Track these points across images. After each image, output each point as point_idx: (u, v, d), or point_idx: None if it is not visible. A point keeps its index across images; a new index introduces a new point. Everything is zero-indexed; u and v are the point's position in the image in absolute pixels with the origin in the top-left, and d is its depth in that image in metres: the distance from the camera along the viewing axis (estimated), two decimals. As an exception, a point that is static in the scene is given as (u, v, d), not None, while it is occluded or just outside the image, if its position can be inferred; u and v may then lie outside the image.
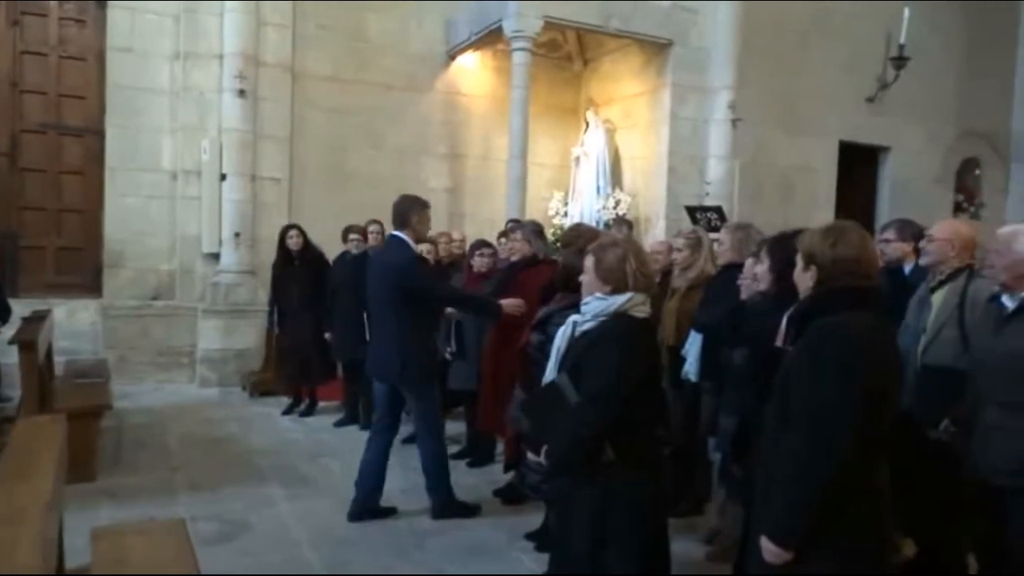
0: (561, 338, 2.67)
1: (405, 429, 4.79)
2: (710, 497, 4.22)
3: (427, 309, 4.26)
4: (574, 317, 2.66)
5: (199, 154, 7.50)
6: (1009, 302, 2.80)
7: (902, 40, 9.45)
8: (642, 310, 2.56)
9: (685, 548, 3.77)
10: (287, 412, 6.49)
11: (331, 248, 6.46)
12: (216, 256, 7.56)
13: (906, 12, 9.32)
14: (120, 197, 7.46)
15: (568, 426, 2.43)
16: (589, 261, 2.61)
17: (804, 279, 2.22)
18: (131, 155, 7.47)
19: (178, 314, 7.55)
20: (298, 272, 6.35)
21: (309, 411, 6.50)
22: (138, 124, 7.49)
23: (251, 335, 7.43)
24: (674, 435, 4.00)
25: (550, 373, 2.66)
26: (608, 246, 2.61)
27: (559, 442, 2.47)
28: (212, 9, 7.47)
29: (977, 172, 11.16)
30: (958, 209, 10.98)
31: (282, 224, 6.75)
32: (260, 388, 7.08)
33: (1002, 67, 10.90)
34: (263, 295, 7.04)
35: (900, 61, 9.62)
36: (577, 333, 2.63)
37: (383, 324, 4.28)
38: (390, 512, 4.29)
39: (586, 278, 2.62)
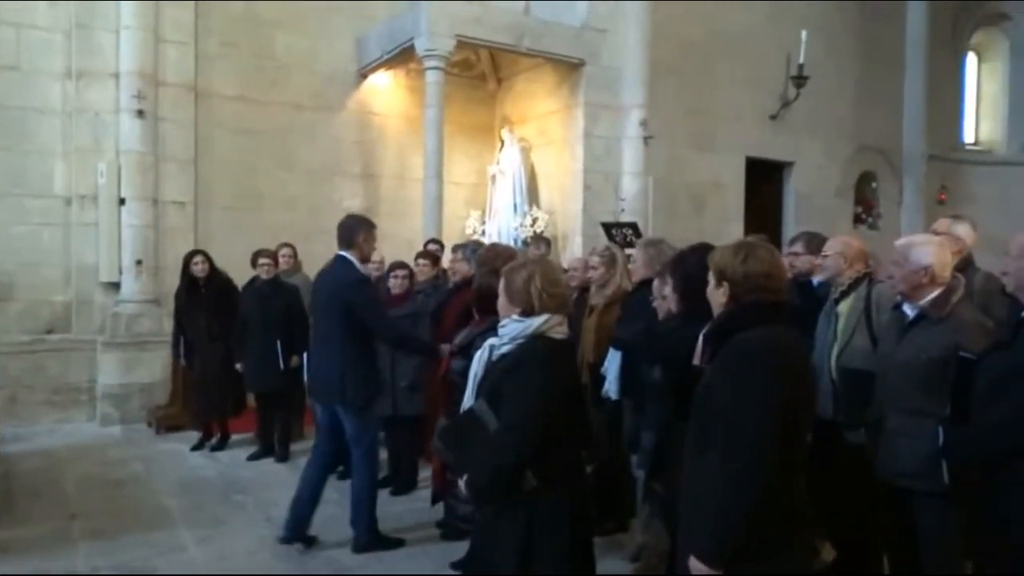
0: (478, 363, 2.61)
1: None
2: (635, 513, 4.22)
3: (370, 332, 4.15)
4: (491, 340, 2.60)
5: (95, 178, 7.08)
6: (909, 311, 2.90)
7: (801, 60, 9.90)
8: (560, 331, 2.52)
9: (611, 567, 3.75)
10: (197, 448, 6.17)
11: (242, 274, 6.20)
12: (116, 285, 7.15)
13: (804, 34, 9.78)
14: (7, 225, 6.96)
15: (488, 455, 2.35)
16: (501, 284, 2.56)
17: (717, 296, 2.23)
18: (19, 180, 6.99)
19: (75, 348, 7.09)
20: (205, 300, 6.07)
21: (221, 445, 6.19)
22: (26, 147, 7.01)
23: (156, 368, 7.04)
24: (597, 453, 3.98)
25: (468, 399, 2.59)
26: (516, 268, 2.58)
27: (479, 472, 2.39)
28: (107, 25, 7.08)
29: (874, 185, 11.79)
30: (857, 220, 11.55)
31: (188, 250, 6.44)
32: (167, 424, 6.71)
33: (893, 87, 11.59)
34: (168, 325, 6.68)
35: (800, 80, 10.07)
36: (494, 357, 2.56)
37: (326, 344, 4.15)
38: (312, 541, 4.16)
39: (501, 300, 2.57)
